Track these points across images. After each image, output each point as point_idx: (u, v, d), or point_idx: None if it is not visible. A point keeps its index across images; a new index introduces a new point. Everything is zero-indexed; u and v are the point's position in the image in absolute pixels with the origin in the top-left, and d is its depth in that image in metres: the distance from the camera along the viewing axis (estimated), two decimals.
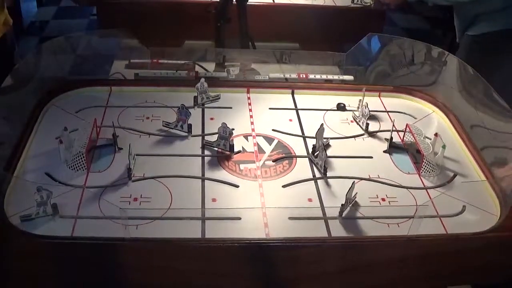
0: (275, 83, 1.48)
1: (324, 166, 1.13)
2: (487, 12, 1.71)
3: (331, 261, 0.98)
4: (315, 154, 1.18)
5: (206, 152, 1.19)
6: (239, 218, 1.01)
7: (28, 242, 0.93)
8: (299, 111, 1.36)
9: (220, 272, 0.97)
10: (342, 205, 1.02)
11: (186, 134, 1.23)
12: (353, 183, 1.03)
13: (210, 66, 1.58)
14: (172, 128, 1.24)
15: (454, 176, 1.17)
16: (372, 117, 1.35)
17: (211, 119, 1.31)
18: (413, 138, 1.23)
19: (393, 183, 1.14)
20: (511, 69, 1.66)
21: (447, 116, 1.37)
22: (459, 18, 1.82)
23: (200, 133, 1.25)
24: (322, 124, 1.19)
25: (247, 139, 1.25)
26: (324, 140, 1.21)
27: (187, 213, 1.01)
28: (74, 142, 1.12)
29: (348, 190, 1.02)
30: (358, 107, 1.34)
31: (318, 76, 1.51)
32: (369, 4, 2.06)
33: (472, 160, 1.22)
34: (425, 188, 1.13)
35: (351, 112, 1.36)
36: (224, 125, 1.17)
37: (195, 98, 1.35)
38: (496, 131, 1.29)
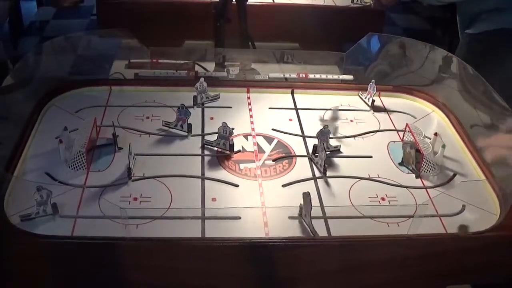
0: (275, 82, 1.48)
1: (324, 165, 1.13)
2: (486, 11, 1.71)
3: (331, 261, 0.98)
4: (316, 154, 1.18)
5: (206, 152, 1.19)
6: (239, 218, 1.01)
7: (28, 242, 0.93)
8: (299, 110, 1.36)
9: (220, 271, 0.97)
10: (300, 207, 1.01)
11: (186, 133, 1.24)
12: (306, 195, 0.98)
13: (210, 66, 1.58)
14: (172, 128, 1.24)
15: (454, 175, 1.17)
16: (372, 117, 1.36)
17: (211, 118, 1.31)
18: (412, 138, 1.23)
19: (392, 182, 1.14)
20: (509, 68, 1.65)
21: (447, 116, 1.37)
22: (460, 17, 1.82)
23: (200, 132, 1.25)
24: (327, 126, 1.19)
25: (247, 139, 1.25)
26: (337, 144, 1.22)
27: (187, 212, 1.01)
28: (74, 142, 1.12)
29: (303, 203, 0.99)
30: None
31: (318, 76, 1.51)
32: (369, 4, 2.06)
33: (472, 159, 1.22)
34: (425, 187, 1.13)
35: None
36: (224, 125, 1.17)
37: (195, 97, 1.35)
38: (496, 131, 1.29)
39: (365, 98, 1.41)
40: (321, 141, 1.17)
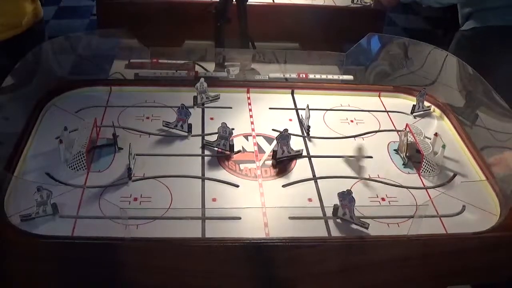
0: (275, 83, 1.48)
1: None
2: (480, 10, 1.72)
3: (331, 261, 0.98)
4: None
5: (206, 152, 1.19)
6: (239, 218, 1.01)
7: (28, 242, 0.93)
8: (299, 111, 1.36)
9: (220, 271, 0.97)
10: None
11: (186, 134, 1.23)
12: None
13: (210, 66, 1.58)
14: (172, 128, 1.24)
15: (454, 176, 1.17)
16: (372, 117, 1.35)
17: (211, 119, 1.31)
18: (413, 138, 1.23)
19: (393, 183, 1.14)
20: (498, 66, 1.65)
21: (447, 116, 1.37)
22: (460, 15, 1.84)
23: (200, 133, 1.25)
24: (286, 130, 1.16)
25: (247, 139, 1.25)
26: (299, 149, 1.19)
27: (187, 212, 1.01)
28: (74, 142, 1.12)
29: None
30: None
31: (318, 76, 1.51)
32: (369, 4, 2.06)
33: (472, 160, 1.22)
34: (425, 188, 1.13)
35: None
36: (224, 125, 1.17)
37: (195, 98, 1.35)
38: (496, 131, 1.29)
39: (418, 107, 1.37)
40: (281, 145, 1.16)
